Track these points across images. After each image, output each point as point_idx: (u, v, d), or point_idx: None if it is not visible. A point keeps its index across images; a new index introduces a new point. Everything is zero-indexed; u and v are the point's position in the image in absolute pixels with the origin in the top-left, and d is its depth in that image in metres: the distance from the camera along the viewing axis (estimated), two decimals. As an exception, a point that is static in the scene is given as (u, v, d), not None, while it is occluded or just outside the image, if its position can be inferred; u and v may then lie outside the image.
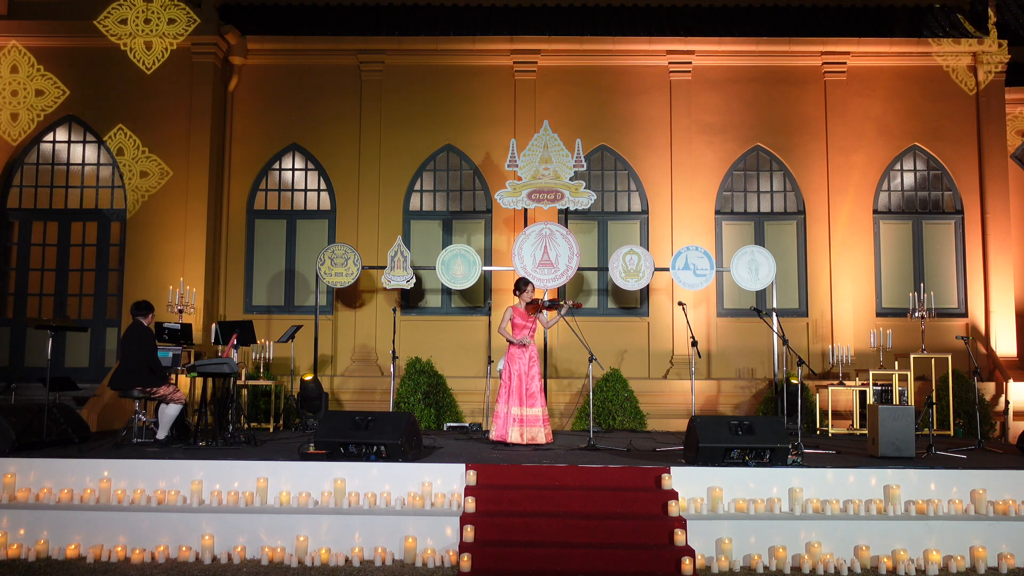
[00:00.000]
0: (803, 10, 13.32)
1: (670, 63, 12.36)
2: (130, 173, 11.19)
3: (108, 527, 6.39)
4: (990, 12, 12.33)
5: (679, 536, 6.13)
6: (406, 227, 12.36)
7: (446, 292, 12.19)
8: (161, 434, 8.20)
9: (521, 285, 8.89)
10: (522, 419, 8.55)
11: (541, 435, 8.57)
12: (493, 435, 8.64)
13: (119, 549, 6.26)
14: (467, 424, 10.66)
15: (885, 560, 6.20)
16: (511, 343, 8.76)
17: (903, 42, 12.29)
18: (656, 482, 6.81)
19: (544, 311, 8.79)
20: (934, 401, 10.27)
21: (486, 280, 12.05)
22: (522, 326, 8.78)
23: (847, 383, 10.68)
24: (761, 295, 11.92)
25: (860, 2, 13.32)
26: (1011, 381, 11.00)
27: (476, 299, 12.19)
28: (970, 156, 12.26)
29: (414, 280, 11.23)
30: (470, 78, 12.51)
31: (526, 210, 11.51)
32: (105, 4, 11.91)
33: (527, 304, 8.78)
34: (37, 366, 11.20)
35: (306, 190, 12.52)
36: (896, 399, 10.21)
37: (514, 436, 8.50)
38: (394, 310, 10.92)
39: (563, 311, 8.72)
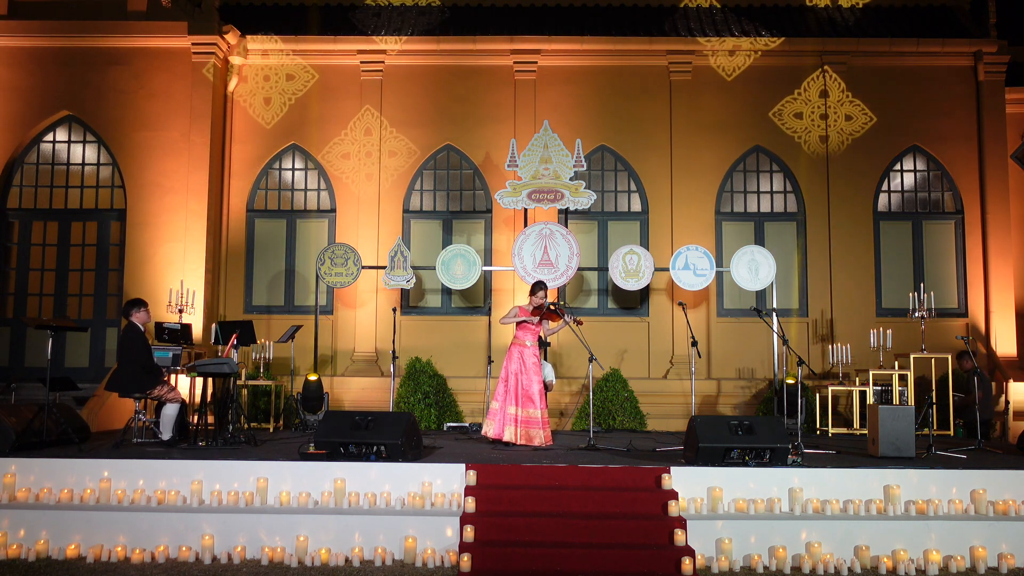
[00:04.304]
0: (803, 10, 13.32)
1: (670, 63, 12.35)
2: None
3: (108, 527, 6.39)
4: (990, 12, 12.33)
5: (679, 536, 6.13)
6: (406, 227, 12.35)
7: (446, 292, 12.18)
8: (165, 435, 8.22)
9: (535, 288, 8.87)
10: (518, 419, 8.52)
11: (539, 437, 8.51)
12: (487, 431, 8.59)
13: (119, 549, 6.26)
14: (467, 424, 10.67)
15: (885, 560, 6.20)
16: (524, 320, 8.66)
17: (903, 42, 12.29)
18: (656, 482, 6.81)
19: (547, 319, 8.75)
20: (934, 401, 10.27)
21: (486, 280, 12.05)
22: (524, 327, 8.77)
23: (847, 383, 10.68)
24: (761, 295, 11.92)
25: (861, 2, 13.31)
26: (1011, 381, 11.01)
27: (476, 299, 12.19)
28: (970, 156, 12.26)
29: (414, 280, 11.24)
30: (470, 78, 12.50)
31: (526, 210, 11.51)
32: (105, 4, 11.93)
33: (534, 308, 8.76)
34: (37, 366, 11.19)
35: (306, 190, 12.52)
36: (896, 399, 10.21)
37: (509, 435, 8.46)
38: (394, 310, 10.92)
39: (565, 317, 8.68)
